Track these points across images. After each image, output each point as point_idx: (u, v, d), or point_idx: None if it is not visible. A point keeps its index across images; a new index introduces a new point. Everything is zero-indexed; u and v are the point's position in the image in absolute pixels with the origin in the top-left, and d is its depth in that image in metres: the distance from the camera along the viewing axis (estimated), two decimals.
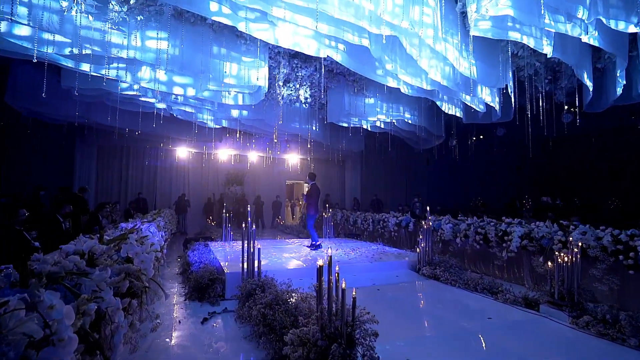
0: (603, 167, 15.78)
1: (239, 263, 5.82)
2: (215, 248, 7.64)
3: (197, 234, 12.71)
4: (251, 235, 5.05)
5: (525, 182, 18.68)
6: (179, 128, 11.84)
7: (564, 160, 16.64)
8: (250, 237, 5.05)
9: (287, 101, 10.18)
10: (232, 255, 6.73)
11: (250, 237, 5.05)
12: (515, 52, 6.71)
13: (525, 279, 6.05)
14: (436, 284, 5.40)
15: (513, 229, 6.23)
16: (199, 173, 16.45)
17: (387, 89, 9.02)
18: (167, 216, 9.86)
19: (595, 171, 16.10)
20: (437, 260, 6.17)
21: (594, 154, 15.29)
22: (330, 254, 3.00)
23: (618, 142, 14.32)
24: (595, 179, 16.06)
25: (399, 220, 9.73)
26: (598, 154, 15.17)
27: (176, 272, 6.65)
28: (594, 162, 15.83)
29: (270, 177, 17.69)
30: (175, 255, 8.63)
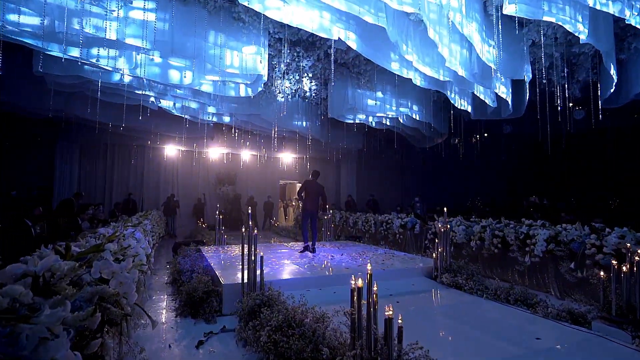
0: (605, 165, 15.52)
1: (237, 272, 5.17)
2: (209, 254, 6.96)
3: (187, 238, 11.97)
4: (252, 241, 4.41)
5: (525, 181, 18.36)
6: (168, 124, 11.10)
7: (571, 158, 16.25)
8: (251, 242, 4.41)
9: (286, 95, 9.54)
10: (228, 263, 6.06)
11: (251, 243, 4.41)
12: (537, 40, 6.21)
13: (551, 286, 5.54)
14: (459, 294, 4.84)
15: (537, 232, 5.71)
16: (189, 172, 15.68)
17: (393, 82, 8.48)
18: (154, 218, 9.12)
19: (597, 170, 15.84)
20: (455, 267, 5.61)
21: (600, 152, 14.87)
22: (370, 271, 2.36)
23: (619, 140, 14.04)
24: (598, 177, 15.79)
25: (404, 221, 9.18)
26: (603, 152, 14.79)
27: (165, 282, 5.96)
28: (599, 160, 15.52)
29: (264, 176, 17.00)
30: (163, 261, 7.92)
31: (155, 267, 7.29)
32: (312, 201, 7.18)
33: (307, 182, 7.24)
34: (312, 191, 7.17)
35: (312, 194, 7.18)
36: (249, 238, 4.41)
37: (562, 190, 16.55)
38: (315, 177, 7.32)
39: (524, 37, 6.22)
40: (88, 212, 8.62)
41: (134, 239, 3.96)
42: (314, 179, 7.29)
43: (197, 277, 4.95)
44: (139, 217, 7.91)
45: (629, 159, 14.07)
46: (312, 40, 6.87)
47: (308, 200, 7.16)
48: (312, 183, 7.22)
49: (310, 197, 7.17)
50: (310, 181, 7.25)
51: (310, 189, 7.19)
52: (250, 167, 16.35)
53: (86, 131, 11.45)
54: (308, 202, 7.16)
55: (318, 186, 7.24)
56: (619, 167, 14.80)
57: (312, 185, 7.21)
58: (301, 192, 7.25)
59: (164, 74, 6.14)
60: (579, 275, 5.06)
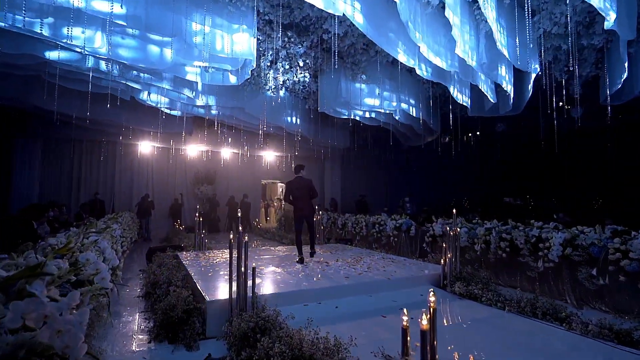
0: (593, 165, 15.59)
1: (223, 284, 4.47)
2: (188, 261, 6.18)
3: (163, 241, 11.05)
4: (242, 248, 3.72)
5: (512, 181, 18.35)
6: (141, 117, 10.14)
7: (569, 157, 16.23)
8: (241, 250, 3.72)
9: (272, 88, 8.84)
10: (211, 272, 5.32)
11: (241, 251, 3.72)
12: (549, 30, 5.80)
13: (566, 294, 5.12)
14: (477, 306, 4.32)
15: (551, 235, 5.28)
16: (165, 171, 14.67)
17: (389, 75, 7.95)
18: (126, 221, 8.22)
19: (585, 169, 15.91)
20: (466, 274, 5.11)
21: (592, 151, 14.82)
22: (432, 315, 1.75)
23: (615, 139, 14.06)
24: (585, 177, 15.87)
25: (398, 223, 8.66)
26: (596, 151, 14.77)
27: (137, 295, 5.15)
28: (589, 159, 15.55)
29: (245, 176, 16.18)
30: (136, 268, 7.07)
31: (127, 276, 6.45)
32: (304, 202, 6.16)
33: (291, 183, 6.19)
34: (299, 191, 6.11)
35: (301, 194, 6.11)
36: (238, 245, 3.71)
37: (550, 189, 16.55)
38: (299, 171, 6.23)
39: (535, 26, 5.80)
40: (48, 215, 7.62)
41: (95, 250, 3.19)
42: (298, 174, 6.21)
43: (175, 292, 4.21)
44: (107, 220, 7.01)
45: (620, 158, 14.10)
46: (305, 24, 6.23)
47: (298, 202, 6.15)
48: (296, 181, 6.17)
49: (300, 199, 6.13)
50: (293, 181, 6.20)
51: (296, 189, 6.13)
52: (231, 165, 15.50)
53: (49, 125, 10.32)
54: (299, 205, 6.15)
55: (304, 182, 6.18)
56: (605, 166, 14.88)
57: (297, 183, 6.16)
58: (288, 196, 6.20)
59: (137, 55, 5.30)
60: (601, 282, 4.65)
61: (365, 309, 4.23)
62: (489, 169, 18.83)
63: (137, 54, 5.25)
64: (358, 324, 3.69)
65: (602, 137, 13.00)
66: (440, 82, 6.68)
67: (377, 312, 4.06)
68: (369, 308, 4.26)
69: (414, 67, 5.86)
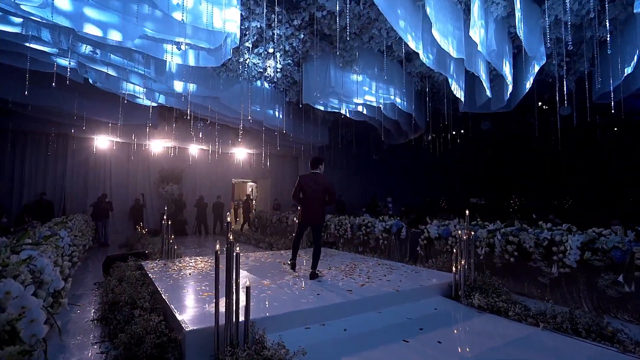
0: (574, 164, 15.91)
1: (202, 304, 3.61)
2: (156, 273, 5.21)
3: (123, 247, 9.81)
4: (232, 261, 2.91)
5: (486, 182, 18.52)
6: (98, 106, 8.88)
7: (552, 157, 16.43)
8: (231, 264, 2.90)
9: (251, 75, 7.97)
10: (186, 287, 4.42)
11: (232, 265, 2.90)
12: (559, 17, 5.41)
13: (583, 301, 4.72)
14: (503, 322, 3.75)
15: (565, 238, 4.87)
16: (125, 168, 13.27)
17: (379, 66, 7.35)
18: (78, 225, 7.02)
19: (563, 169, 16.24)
20: (481, 284, 4.56)
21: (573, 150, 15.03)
22: None
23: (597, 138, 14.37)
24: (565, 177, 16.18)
25: (387, 225, 8.09)
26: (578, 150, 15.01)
27: (91, 319, 4.14)
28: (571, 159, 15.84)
29: (215, 174, 15.06)
30: (90, 281, 5.97)
31: (77, 292, 5.37)
32: (315, 205, 4.92)
33: (304, 179, 4.98)
34: (313, 190, 4.89)
35: (314, 195, 4.89)
36: (228, 257, 2.89)
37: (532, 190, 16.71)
38: (316, 166, 5.04)
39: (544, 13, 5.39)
40: None
41: (28, 271, 2.26)
42: (315, 170, 5.03)
43: (141, 317, 3.31)
44: (54, 225, 5.85)
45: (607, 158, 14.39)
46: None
47: (308, 204, 4.94)
48: (311, 178, 4.96)
49: (311, 200, 4.91)
50: (307, 177, 4.99)
51: (309, 187, 4.90)
52: (199, 163, 14.33)
53: None
54: (307, 208, 4.94)
55: (321, 180, 4.95)
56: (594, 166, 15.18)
57: (312, 180, 4.93)
58: (297, 193, 4.98)
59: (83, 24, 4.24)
60: (626, 289, 4.27)
61: (378, 329, 3.55)
62: (466, 169, 18.88)
63: (92, 20, 4.23)
64: (372, 350, 2.99)
65: (593, 136, 13.12)
66: (441, 71, 6.15)
67: (394, 334, 3.39)
68: (381, 328, 3.57)
69: (419, 51, 5.27)
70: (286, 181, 17.56)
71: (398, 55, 7.53)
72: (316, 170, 5.10)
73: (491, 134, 13.65)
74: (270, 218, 12.84)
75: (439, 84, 8.88)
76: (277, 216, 12.45)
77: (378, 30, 6.15)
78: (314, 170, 5.11)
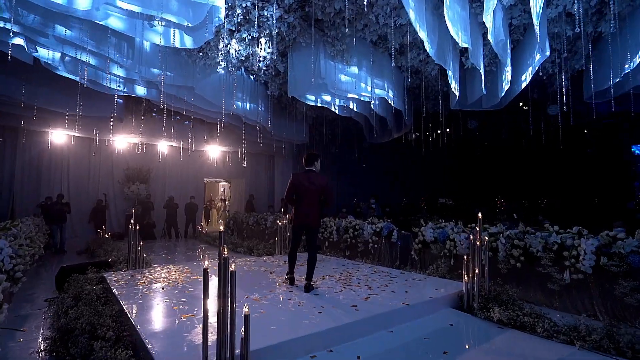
0: None
1: (181, 332, 2.93)
2: (121, 287, 4.41)
3: (82, 254, 8.76)
4: (227, 283, 2.26)
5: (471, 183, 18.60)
6: (52, 94, 7.81)
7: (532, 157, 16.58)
8: (225, 284, 2.26)
9: (231, 65, 7.25)
10: (159, 307, 3.69)
11: (225, 286, 2.26)
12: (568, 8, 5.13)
13: (597, 309, 4.43)
14: (530, 340, 3.32)
15: (577, 242, 4.57)
16: (85, 166, 12.07)
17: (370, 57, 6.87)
18: (26, 231, 6.02)
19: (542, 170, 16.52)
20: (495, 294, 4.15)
21: None
22: None
23: None
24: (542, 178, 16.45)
25: (377, 228, 7.61)
26: None
27: (37, 350, 3.32)
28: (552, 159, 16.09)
29: (186, 173, 14.08)
30: (40, 298, 5.05)
31: (22, 312, 4.45)
32: (311, 207, 4.39)
33: (298, 178, 4.44)
34: (308, 190, 4.37)
35: (309, 195, 4.37)
36: (223, 274, 2.25)
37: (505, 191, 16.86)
38: (311, 163, 4.50)
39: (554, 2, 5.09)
40: None
41: None
42: (310, 167, 4.49)
43: (104, 350, 2.60)
44: None
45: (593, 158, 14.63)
46: None
47: (303, 205, 4.41)
48: (306, 176, 4.43)
49: (307, 201, 4.38)
50: (301, 175, 4.46)
51: (304, 187, 4.37)
52: (169, 161, 13.31)
53: None
54: (302, 210, 4.41)
55: (317, 179, 4.43)
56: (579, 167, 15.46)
57: (307, 179, 4.41)
58: (291, 193, 4.43)
59: None
60: None
61: (396, 355, 3.01)
62: (447, 168, 18.88)
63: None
64: None
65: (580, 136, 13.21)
66: (441, 63, 5.73)
67: (402, 346, 2.87)
68: (401, 354, 3.04)
69: (424, 38, 4.80)
70: (261, 180, 16.80)
71: (389, 48, 7.09)
72: (311, 167, 4.53)
73: (477, 134, 13.58)
74: (247, 220, 12.06)
75: (429, 80, 8.53)
76: (254, 218, 11.69)
77: (375, 16, 5.65)
78: (308, 167, 4.53)
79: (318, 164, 4.59)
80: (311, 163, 4.53)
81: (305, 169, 4.54)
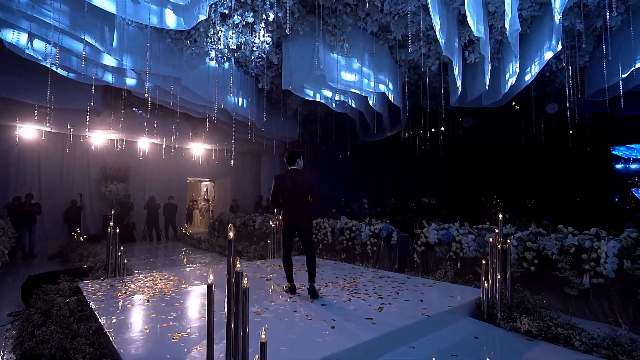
0: None
1: (170, 353, 2.45)
2: (99, 300, 3.85)
3: (54, 259, 8.02)
4: (239, 301, 1.81)
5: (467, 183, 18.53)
6: (20, 83, 7.08)
7: None
8: (240, 306, 1.81)
9: (220, 55, 6.74)
10: (145, 325, 3.17)
11: (238, 302, 1.80)
12: None
13: (618, 315, 4.18)
14: (571, 356, 3.00)
15: (597, 244, 4.31)
16: (58, 164, 11.23)
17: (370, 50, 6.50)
18: None
19: None
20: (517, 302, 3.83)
21: None
22: None
23: None
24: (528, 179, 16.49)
25: (376, 229, 7.24)
26: None
27: None
28: None
29: (167, 172, 13.37)
30: (3, 310, 4.41)
31: None
32: (299, 207, 4.09)
33: (282, 179, 4.14)
34: (294, 190, 4.08)
35: (296, 195, 4.08)
36: (234, 292, 1.79)
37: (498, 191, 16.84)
38: (294, 162, 4.20)
39: None
40: None
41: None
42: (292, 166, 4.19)
43: None
44: None
45: None
46: None
47: (290, 207, 4.11)
48: (290, 176, 4.13)
49: (293, 202, 4.09)
50: (285, 175, 4.16)
51: (289, 187, 4.08)
52: (150, 159, 12.57)
53: None
54: (291, 211, 4.10)
55: (302, 177, 4.15)
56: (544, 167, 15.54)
57: (291, 179, 4.11)
58: (276, 197, 4.15)
59: None
60: None
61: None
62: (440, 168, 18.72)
63: None
64: None
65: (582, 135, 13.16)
66: (448, 55, 5.41)
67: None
68: None
69: (437, 26, 4.46)
70: (247, 180, 16.23)
71: (390, 40, 6.75)
72: (294, 166, 4.23)
73: (472, 133, 13.42)
74: (234, 221, 11.50)
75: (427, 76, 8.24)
76: (241, 219, 11.14)
77: (381, 2, 5.27)
78: (291, 166, 4.23)
79: (301, 161, 4.30)
80: (293, 161, 4.23)
81: (289, 169, 4.24)
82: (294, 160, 4.23)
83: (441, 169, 18.42)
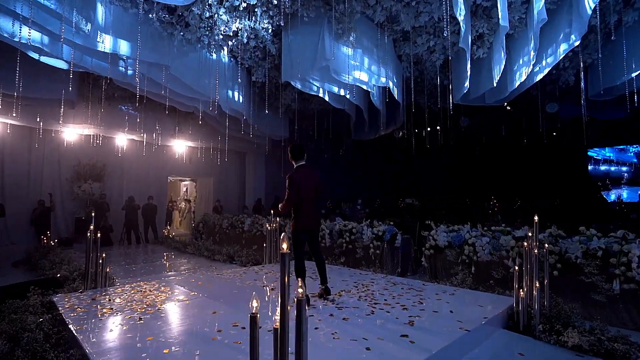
0: None
1: None
2: (81, 320, 3.24)
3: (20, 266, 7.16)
4: (301, 336, 1.33)
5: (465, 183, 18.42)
6: None
7: None
8: (300, 338, 1.33)
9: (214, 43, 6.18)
10: (142, 348, 2.62)
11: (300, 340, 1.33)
12: None
13: None
14: None
15: (627, 247, 4.08)
16: (25, 161, 10.23)
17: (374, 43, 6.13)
18: None
19: None
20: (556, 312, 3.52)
21: None
22: None
23: None
24: None
25: (379, 231, 6.86)
26: None
27: None
28: None
29: (147, 171, 12.55)
30: None
31: None
32: (311, 207, 3.83)
33: (297, 177, 3.77)
34: (307, 188, 3.78)
35: (309, 194, 3.81)
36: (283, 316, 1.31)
37: None
38: (302, 156, 3.90)
39: None
40: None
41: None
42: (299, 162, 3.90)
43: None
44: None
45: None
46: None
47: (305, 206, 3.78)
48: (302, 174, 3.81)
49: (307, 201, 3.78)
50: (299, 172, 3.82)
51: (305, 185, 3.76)
52: (128, 157, 11.72)
53: None
54: (305, 210, 3.78)
55: (311, 174, 3.87)
56: None
57: (304, 177, 3.79)
58: (293, 194, 3.71)
59: None
60: None
61: None
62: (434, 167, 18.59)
63: None
64: None
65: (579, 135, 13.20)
66: (464, 46, 5.09)
67: None
68: None
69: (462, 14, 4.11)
70: (231, 180, 15.52)
71: (395, 31, 6.39)
72: (303, 161, 3.94)
73: (469, 132, 13.28)
74: (220, 223, 10.84)
75: (429, 72, 7.96)
76: (228, 220, 10.50)
77: None
78: (300, 162, 3.93)
79: (305, 159, 4.00)
80: (302, 156, 3.95)
81: (297, 165, 3.93)
82: (303, 155, 3.95)
83: (441, 169, 18.24)
